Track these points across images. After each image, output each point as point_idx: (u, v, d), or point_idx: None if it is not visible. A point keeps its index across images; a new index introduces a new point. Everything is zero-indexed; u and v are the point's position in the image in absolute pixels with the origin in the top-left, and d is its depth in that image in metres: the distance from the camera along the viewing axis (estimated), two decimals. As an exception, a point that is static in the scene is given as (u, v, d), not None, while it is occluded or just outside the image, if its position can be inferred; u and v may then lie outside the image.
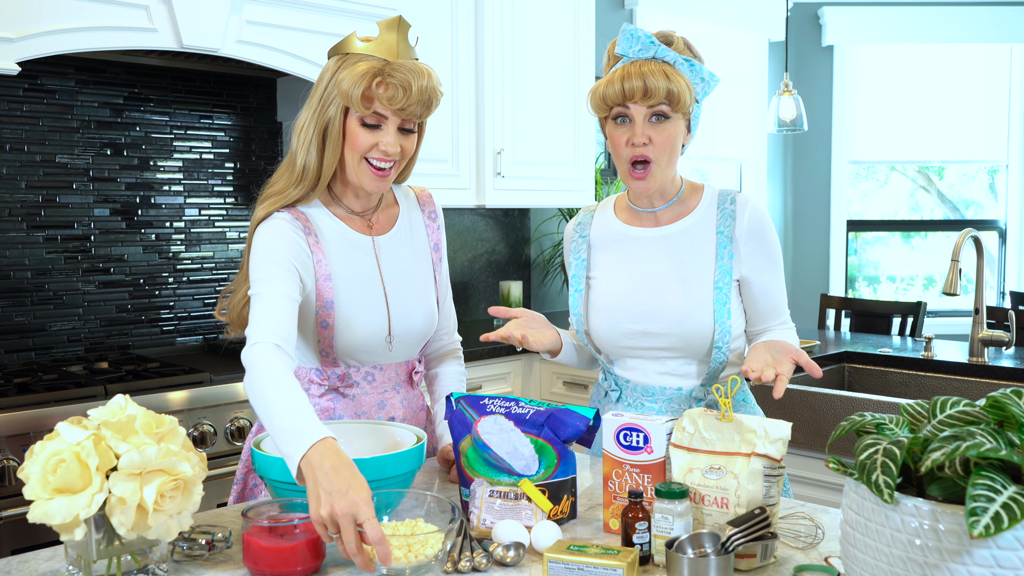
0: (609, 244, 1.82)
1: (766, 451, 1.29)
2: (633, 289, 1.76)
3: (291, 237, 1.62)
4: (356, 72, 1.57)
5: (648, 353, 1.76)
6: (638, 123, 1.67)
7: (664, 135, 1.67)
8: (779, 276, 1.80)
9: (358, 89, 1.56)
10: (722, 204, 1.77)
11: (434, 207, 1.85)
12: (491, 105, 3.51)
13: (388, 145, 1.60)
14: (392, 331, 1.71)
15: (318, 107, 1.62)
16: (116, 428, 1.18)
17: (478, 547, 1.33)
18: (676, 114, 1.68)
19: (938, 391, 3.03)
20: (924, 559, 0.91)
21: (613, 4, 4.62)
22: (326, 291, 1.64)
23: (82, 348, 2.87)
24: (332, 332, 1.65)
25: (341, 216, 1.71)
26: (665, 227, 1.78)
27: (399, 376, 1.75)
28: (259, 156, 3.26)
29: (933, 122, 5.63)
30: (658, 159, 1.68)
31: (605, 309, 1.78)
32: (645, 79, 1.63)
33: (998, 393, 0.96)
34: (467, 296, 4.02)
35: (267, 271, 1.57)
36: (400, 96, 1.56)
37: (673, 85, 1.64)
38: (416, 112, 1.60)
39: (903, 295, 5.87)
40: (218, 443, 2.48)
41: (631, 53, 1.68)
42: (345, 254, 1.69)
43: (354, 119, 1.60)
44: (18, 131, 2.73)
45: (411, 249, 1.78)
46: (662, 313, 1.73)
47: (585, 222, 1.87)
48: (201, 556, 1.31)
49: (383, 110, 1.59)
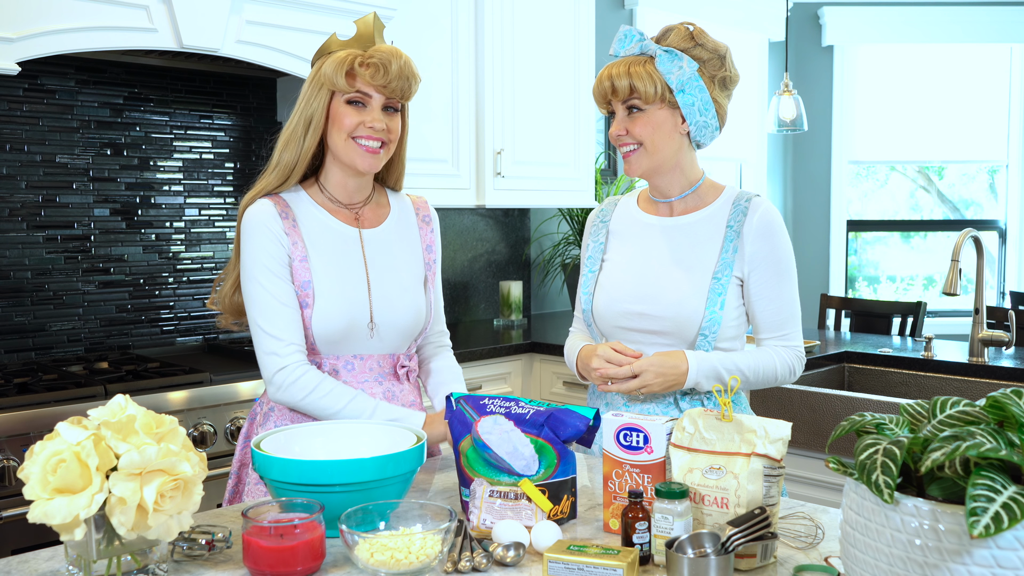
0: (626, 231, 1.90)
1: (766, 451, 1.29)
2: (638, 272, 1.82)
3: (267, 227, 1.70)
4: (337, 58, 1.68)
5: (642, 336, 1.80)
6: (618, 117, 1.80)
7: (638, 125, 1.77)
8: (784, 288, 1.79)
9: (341, 70, 1.67)
10: (737, 202, 1.83)
11: (428, 212, 1.92)
12: (491, 105, 3.51)
13: (375, 120, 1.69)
14: (374, 318, 1.75)
15: (303, 105, 1.72)
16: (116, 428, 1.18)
17: (478, 547, 1.33)
18: (650, 105, 1.76)
19: (938, 391, 3.03)
20: (924, 559, 0.91)
21: (613, 4, 4.62)
22: (302, 272, 1.71)
23: (82, 348, 2.87)
24: (311, 312, 1.71)
25: (326, 206, 1.78)
26: (679, 217, 1.85)
27: (382, 368, 1.78)
28: (259, 156, 3.26)
29: (933, 122, 5.63)
30: (640, 146, 1.78)
31: (610, 288, 1.85)
32: (613, 80, 1.76)
33: (998, 393, 0.96)
34: (467, 296, 4.02)
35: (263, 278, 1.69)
36: (381, 73, 1.67)
37: (635, 80, 1.74)
38: (398, 89, 1.69)
39: (903, 295, 5.87)
40: (218, 443, 2.48)
41: (622, 52, 1.80)
42: (325, 240, 1.75)
43: (339, 101, 1.70)
44: (18, 131, 2.73)
45: (400, 245, 1.84)
46: (659, 296, 1.78)
47: (608, 209, 1.96)
48: (201, 556, 1.31)
49: (366, 88, 1.69)
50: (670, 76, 1.73)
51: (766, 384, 1.81)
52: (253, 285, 1.70)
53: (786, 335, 1.80)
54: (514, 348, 3.37)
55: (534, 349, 3.44)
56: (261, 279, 1.69)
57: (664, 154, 1.78)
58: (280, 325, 1.68)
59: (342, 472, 1.33)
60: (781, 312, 1.79)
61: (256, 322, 1.69)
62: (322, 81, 1.69)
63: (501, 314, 3.93)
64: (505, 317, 3.90)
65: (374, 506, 1.30)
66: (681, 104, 1.75)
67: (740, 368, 1.75)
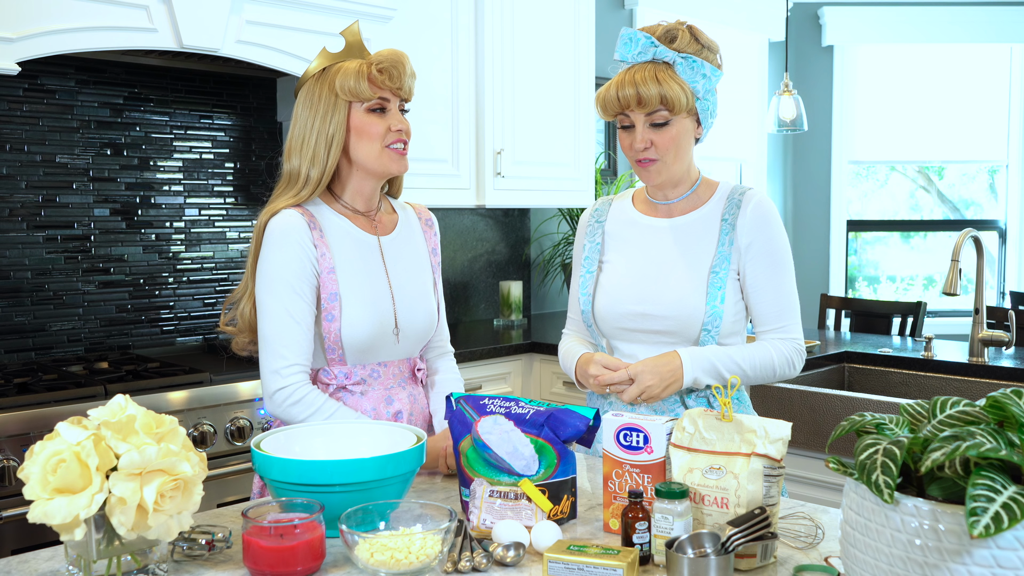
0: (624, 231, 1.88)
1: (766, 451, 1.29)
2: (639, 273, 1.81)
3: (296, 239, 1.67)
4: (350, 69, 1.69)
5: (646, 337, 1.80)
6: (639, 129, 1.71)
7: (665, 137, 1.70)
8: (780, 279, 1.78)
9: (363, 79, 1.68)
10: (732, 196, 1.81)
11: (430, 216, 1.94)
12: (491, 105, 3.51)
13: (400, 122, 1.73)
14: (399, 323, 1.77)
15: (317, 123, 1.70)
16: (116, 428, 1.18)
17: (478, 547, 1.33)
18: (676, 116, 1.70)
19: (938, 391, 3.03)
20: (924, 559, 0.91)
21: (613, 4, 4.61)
22: (330, 283, 1.70)
23: (82, 348, 2.87)
24: (338, 325, 1.70)
25: (346, 215, 1.78)
26: (677, 217, 1.83)
27: (403, 373, 1.81)
28: (259, 156, 3.26)
29: (933, 122, 5.63)
30: (663, 157, 1.73)
31: (611, 290, 1.83)
32: (638, 87, 1.66)
33: (998, 393, 0.96)
34: (467, 296, 4.02)
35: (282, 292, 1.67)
36: (396, 74, 1.70)
37: (666, 90, 1.66)
38: (410, 87, 1.74)
39: (903, 295, 5.87)
40: (218, 443, 2.48)
41: (630, 57, 1.70)
42: (350, 249, 1.75)
43: (359, 112, 1.70)
44: (18, 131, 2.72)
45: (412, 251, 1.85)
46: (660, 296, 1.77)
47: (603, 209, 1.93)
48: (201, 556, 1.31)
49: (386, 93, 1.71)
50: (696, 84, 1.69)
51: (766, 378, 1.78)
52: (270, 298, 1.67)
53: (784, 327, 1.78)
54: (514, 348, 3.37)
55: (534, 349, 3.43)
56: (280, 293, 1.66)
57: (684, 162, 1.77)
58: (289, 343, 1.66)
59: (342, 472, 1.33)
60: (778, 303, 1.77)
61: (265, 335, 1.68)
62: (339, 95, 1.68)
63: (501, 314, 3.93)
64: (505, 317, 3.90)
65: (374, 506, 1.30)
66: (700, 110, 1.73)
67: (736, 361, 1.73)
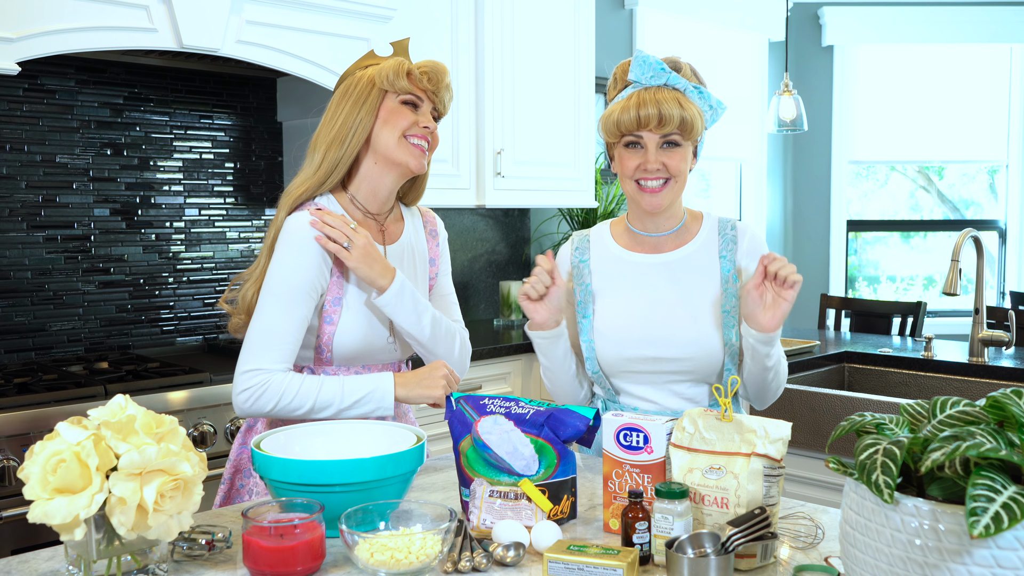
0: (611, 270, 1.83)
1: (766, 451, 1.29)
2: (641, 316, 1.77)
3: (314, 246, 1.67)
4: (392, 63, 1.74)
5: (655, 378, 1.78)
6: (651, 150, 1.70)
7: (675, 159, 1.71)
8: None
9: (401, 71, 1.72)
10: (723, 231, 1.80)
11: (436, 226, 1.94)
12: (491, 105, 3.51)
13: (429, 122, 1.74)
14: (395, 333, 1.79)
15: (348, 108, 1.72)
16: (116, 428, 1.18)
17: (478, 547, 1.33)
18: (687, 141, 1.71)
19: (938, 391, 3.03)
20: (924, 559, 0.91)
21: (613, 4, 4.61)
22: (335, 288, 1.71)
23: (82, 348, 2.87)
24: (334, 329, 1.71)
25: (355, 217, 1.78)
26: (668, 254, 1.80)
27: (392, 368, 1.83)
28: (259, 156, 3.26)
29: (933, 122, 5.63)
30: (676, 177, 1.73)
31: (611, 335, 1.78)
32: (660, 106, 1.66)
33: (998, 393, 0.96)
34: (467, 296, 4.02)
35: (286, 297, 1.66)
36: (435, 79, 1.75)
37: (686, 113, 1.67)
38: (445, 100, 1.78)
39: (903, 295, 5.87)
40: (218, 443, 2.48)
41: (643, 79, 1.70)
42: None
43: (392, 101, 1.73)
44: (18, 131, 2.72)
45: (412, 261, 1.86)
46: (673, 339, 1.75)
47: (583, 247, 1.86)
48: (201, 556, 1.31)
49: (420, 92, 1.75)
50: (706, 114, 1.73)
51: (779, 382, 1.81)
52: (272, 300, 1.66)
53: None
54: (514, 348, 3.37)
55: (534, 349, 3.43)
56: (283, 297, 1.66)
57: (683, 188, 1.78)
58: (272, 349, 1.64)
59: (342, 472, 1.33)
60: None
61: (253, 333, 1.66)
62: (375, 83, 1.71)
63: (501, 314, 3.93)
64: (505, 317, 3.90)
65: (374, 506, 1.30)
66: (699, 142, 1.77)
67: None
